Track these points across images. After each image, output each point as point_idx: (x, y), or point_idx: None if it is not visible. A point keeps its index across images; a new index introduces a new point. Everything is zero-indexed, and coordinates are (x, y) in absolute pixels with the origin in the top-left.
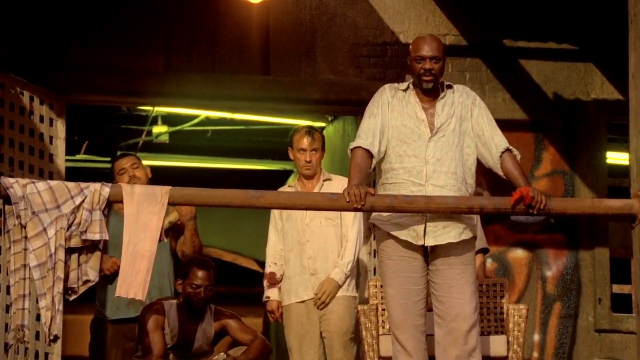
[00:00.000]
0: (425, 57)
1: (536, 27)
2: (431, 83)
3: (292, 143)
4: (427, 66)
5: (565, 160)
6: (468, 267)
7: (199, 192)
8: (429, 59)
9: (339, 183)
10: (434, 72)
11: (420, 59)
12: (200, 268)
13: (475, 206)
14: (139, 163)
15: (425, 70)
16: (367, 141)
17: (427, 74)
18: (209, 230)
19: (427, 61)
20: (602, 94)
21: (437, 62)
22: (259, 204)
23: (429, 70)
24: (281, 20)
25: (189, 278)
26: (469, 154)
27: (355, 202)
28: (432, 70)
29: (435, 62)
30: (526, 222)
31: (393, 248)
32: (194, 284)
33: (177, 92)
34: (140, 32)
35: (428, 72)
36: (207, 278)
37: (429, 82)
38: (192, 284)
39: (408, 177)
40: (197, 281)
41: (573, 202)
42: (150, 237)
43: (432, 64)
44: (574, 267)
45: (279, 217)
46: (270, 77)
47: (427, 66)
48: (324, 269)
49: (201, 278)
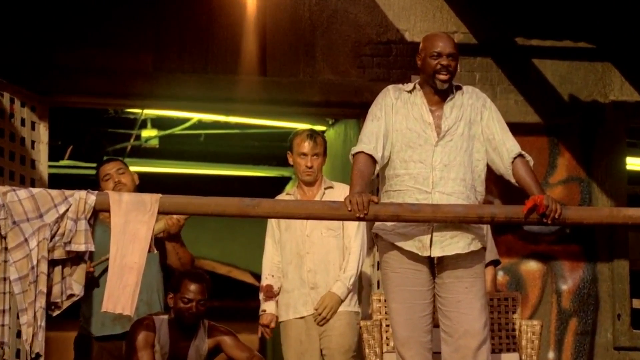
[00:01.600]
0: (442, 54)
1: (551, 24)
2: (447, 83)
3: (292, 147)
4: (445, 62)
5: (581, 166)
6: (477, 280)
7: (191, 201)
8: (445, 56)
9: (342, 191)
10: (451, 69)
11: (436, 55)
12: (192, 281)
13: (485, 215)
14: (125, 168)
15: (442, 67)
16: (369, 146)
17: (444, 70)
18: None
19: (444, 57)
20: (621, 95)
21: (453, 59)
22: (254, 213)
23: (446, 67)
24: (279, 17)
25: (181, 291)
26: (479, 160)
27: (358, 211)
28: (449, 67)
29: (451, 59)
30: (540, 233)
31: (397, 260)
32: (185, 297)
33: (168, 93)
34: (128, 30)
35: (445, 68)
36: (200, 292)
37: (445, 81)
38: (184, 297)
39: (413, 184)
40: (189, 295)
41: (590, 211)
42: (139, 248)
43: (449, 60)
44: (591, 281)
45: (277, 227)
46: (267, 78)
47: (444, 62)
48: (325, 282)
49: (193, 292)
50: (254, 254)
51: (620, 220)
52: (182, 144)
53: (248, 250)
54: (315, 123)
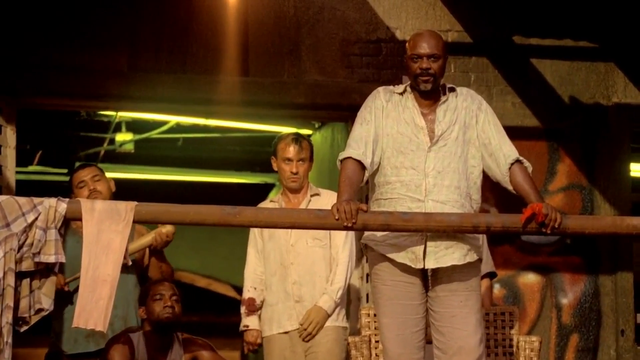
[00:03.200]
0: (421, 55)
1: (550, 22)
2: (429, 84)
3: (276, 152)
4: (424, 65)
5: (583, 172)
6: (473, 294)
7: (169, 209)
8: (426, 57)
9: (329, 199)
10: (431, 71)
11: (416, 58)
12: (160, 282)
13: (481, 224)
14: (101, 175)
15: (422, 70)
16: (358, 151)
17: (424, 74)
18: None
19: (424, 60)
20: (625, 97)
21: (435, 60)
22: (236, 222)
23: (425, 69)
24: (262, 14)
25: (150, 294)
26: (474, 166)
27: (346, 220)
28: (429, 70)
29: (433, 60)
30: (539, 243)
31: (388, 272)
32: (157, 294)
33: (144, 94)
34: (101, 27)
35: (425, 71)
36: (170, 288)
37: (427, 83)
38: (155, 295)
39: (405, 192)
40: (160, 291)
41: (592, 220)
42: (113, 260)
43: (430, 62)
44: (593, 294)
45: (260, 236)
46: (249, 79)
47: (423, 65)
48: (311, 295)
49: (164, 289)
50: (235, 266)
51: (623, 230)
52: (159, 148)
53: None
54: (301, 126)
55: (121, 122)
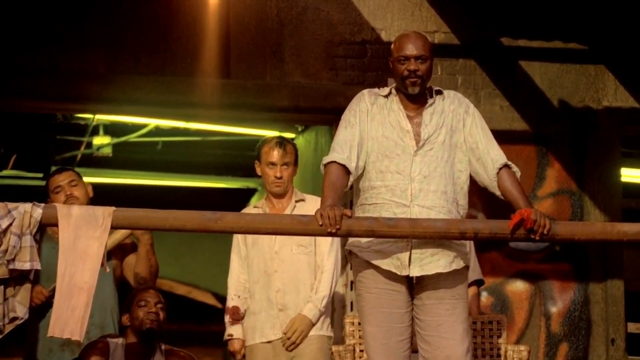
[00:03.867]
0: (409, 57)
1: (539, 23)
2: (417, 87)
3: (259, 156)
4: (412, 67)
5: (572, 177)
6: (459, 302)
7: (147, 214)
8: (413, 59)
9: (314, 204)
10: (419, 73)
11: (403, 59)
12: (146, 290)
13: (468, 230)
14: (78, 180)
15: (410, 72)
16: (343, 155)
17: (411, 75)
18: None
19: (411, 61)
20: (615, 100)
21: (423, 62)
22: (217, 228)
23: (413, 71)
24: (243, 14)
25: (136, 301)
26: (461, 171)
27: (330, 226)
28: (417, 72)
29: (421, 62)
30: (527, 250)
31: (373, 279)
32: (142, 301)
33: (122, 97)
34: (79, 28)
35: (413, 73)
36: (156, 295)
37: (415, 86)
38: (140, 302)
39: (390, 197)
40: (146, 297)
41: (582, 226)
42: (90, 267)
43: (418, 64)
44: (583, 303)
45: (243, 242)
46: (230, 81)
47: (411, 67)
48: (295, 304)
49: (149, 296)
50: (216, 273)
51: (614, 236)
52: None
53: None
54: (284, 130)
55: (99, 125)
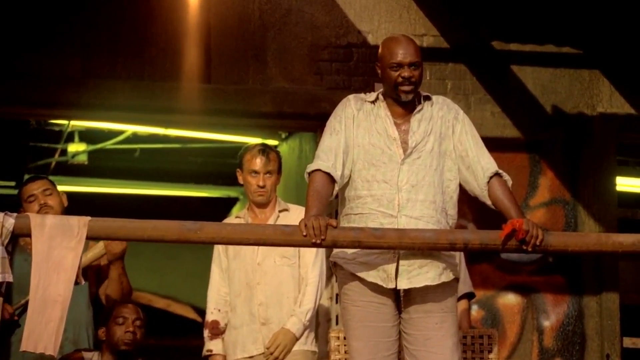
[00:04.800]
0: (403, 64)
1: (532, 27)
2: (411, 94)
3: (242, 164)
4: (406, 74)
5: (566, 186)
6: (449, 316)
7: (125, 224)
8: (407, 66)
9: (298, 214)
10: (414, 80)
11: (396, 66)
12: (124, 304)
13: (457, 241)
14: (52, 189)
15: (404, 79)
16: (327, 163)
17: (406, 83)
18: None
19: (405, 68)
20: (610, 107)
21: (416, 68)
22: (197, 239)
23: (408, 79)
24: (225, 17)
25: (113, 316)
26: (450, 179)
27: (314, 236)
28: (412, 79)
29: (414, 68)
30: (519, 262)
31: (359, 292)
32: (120, 317)
33: (98, 102)
34: (53, 30)
35: (407, 80)
36: (135, 312)
37: (409, 93)
38: (118, 318)
39: (377, 207)
40: (124, 314)
41: (576, 237)
42: (65, 279)
43: (412, 71)
44: (577, 317)
45: (224, 254)
46: (211, 86)
47: (406, 74)
48: (278, 318)
49: (128, 312)
50: (196, 286)
51: (609, 247)
52: (115, 160)
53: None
54: (267, 137)
55: (74, 132)
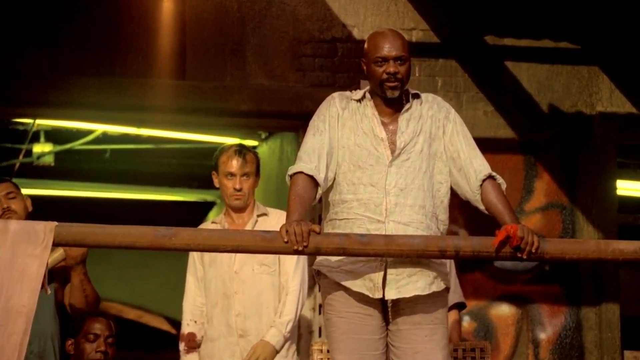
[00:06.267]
0: (387, 58)
1: (527, 20)
2: (397, 91)
3: (217, 165)
4: (392, 69)
5: (563, 190)
6: (439, 327)
7: (94, 230)
8: (392, 60)
9: (278, 219)
10: (399, 76)
11: (381, 61)
12: (95, 318)
13: (448, 248)
14: (16, 192)
15: (390, 75)
16: (310, 165)
17: (391, 79)
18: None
19: (390, 63)
20: (610, 105)
21: (402, 63)
22: (171, 245)
23: (393, 74)
24: (201, 9)
25: (84, 331)
26: (441, 182)
27: (296, 243)
28: (397, 74)
29: (400, 63)
30: (514, 270)
31: (343, 302)
32: (91, 334)
33: (66, 100)
34: (17, 22)
35: (393, 76)
36: (107, 327)
37: (395, 89)
38: (89, 334)
39: (363, 212)
40: (95, 331)
41: (573, 244)
42: (29, 289)
43: (397, 66)
44: (575, 328)
45: (200, 262)
46: (186, 82)
47: (391, 69)
48: (257, 329)
49: (99, 328)
50: (169, 295)
51: (609, 255)
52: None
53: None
54: (245, 137)
55: (39, 131)
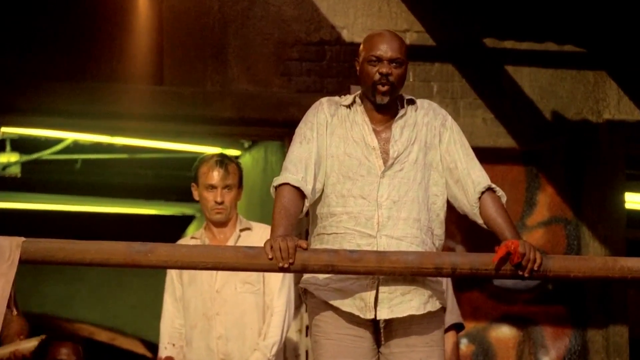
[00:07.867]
0: (382, 58)
1: (529, 22)
2: (387, 96)
3: (197, 177)
4: (384, 70)
5: (568, 204)
6: (435, 350)
7: (64, 246)
8: (387, 61)
9: (262, 234)
10: (391, 79)
11: (375, 60)
12: (62, 342)
13: (445, 265)
14: None
15: (382, 76)
16: (297, 176)
17: (383, 80)
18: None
19: (384, 63)
20: (618, 113)
21: (397, 66)
22: (147, 262)
23: (385, 75)
24: (179, 9)
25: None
26: (437, 195)
27: (281, 260)
28: (389, 77)
29: (395, 66)
30: (515, 289)
31: (332, 323)
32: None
33: (34, 106)
34: None
35: (385, 78)
36: (74, 352)
37: (385, 94)
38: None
39: (354, 226)
40: (62, 356)
41: (579, 261)
42: None
43: (391, 68)
44: (580, 352)
45: (179, 280)
46: (164, 88)
47: (384, 70)
48: (240, 353)
49: (65, 353)
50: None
51: (617, 273)
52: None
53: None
54: (227, 146)
55: (5, 140)
